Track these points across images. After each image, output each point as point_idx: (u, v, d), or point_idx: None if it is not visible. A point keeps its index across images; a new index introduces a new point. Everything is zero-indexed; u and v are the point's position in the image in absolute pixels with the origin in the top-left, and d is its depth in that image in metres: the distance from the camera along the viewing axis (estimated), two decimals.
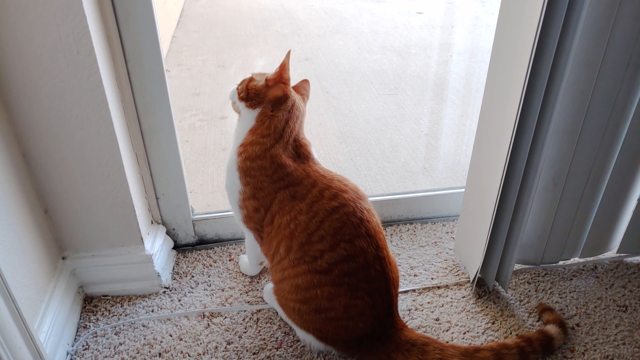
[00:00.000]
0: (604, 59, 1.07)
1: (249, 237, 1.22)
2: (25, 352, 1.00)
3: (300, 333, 1.16)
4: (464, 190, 1.38)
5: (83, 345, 1.21)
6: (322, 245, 1.04)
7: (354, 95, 2.65)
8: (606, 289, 1.34)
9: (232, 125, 2.29)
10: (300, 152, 1.13)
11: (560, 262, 1.41)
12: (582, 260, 1.42)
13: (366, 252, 1.05)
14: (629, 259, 1.43)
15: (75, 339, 1.23)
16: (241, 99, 1.14)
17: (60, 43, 1.02)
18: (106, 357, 1.18)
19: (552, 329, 1.17)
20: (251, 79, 1.15)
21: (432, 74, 2.98)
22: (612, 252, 1.44)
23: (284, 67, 1.11)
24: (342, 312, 1.05)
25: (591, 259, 1.43)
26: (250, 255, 1.34)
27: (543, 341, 1.13)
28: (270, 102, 1.12)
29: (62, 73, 1.06)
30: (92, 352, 1.19)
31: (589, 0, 0.96)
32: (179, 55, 3.26)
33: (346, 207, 1.06)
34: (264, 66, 3.11)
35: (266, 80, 1.13)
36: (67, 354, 1.19)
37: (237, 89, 1.16)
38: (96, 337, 1.23)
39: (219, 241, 1.52)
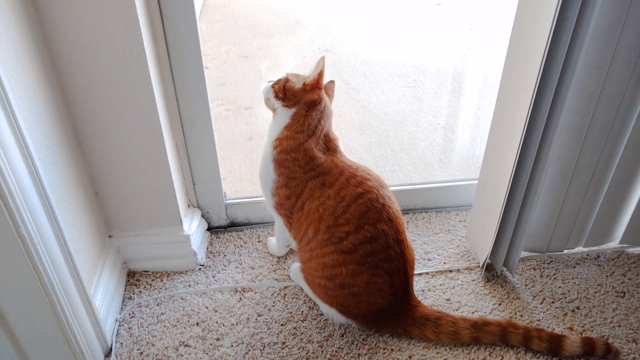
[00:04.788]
0: (611, 63, 1.16)
1: (279, 222, 1.35)
2: (85, 317, 1.15)
3: (324, 307, 1.29)
4: (476, 182, 1.49)
5: (129, 314, 1.35)
6: (347, 228, 1.16)
7: (373, 87, 2.74)
8: (607, 276, 1.44)
9: (257, 115, 2.42)
10: (329, 146, 1.24)
11: (565, 251, 1.51)
12: (585, 249, 1.53)
13: (387, 235, 1.17)
14: (631, 250, 1.53)
15: (122, 308, 1.37)
16: (278, 98, 1.26)
17: (115, 45, 1.15)
18: (150, 324, 1.32)
19: (572, 336, 1.18)
20: (287, 80, 1.26)
21: (451, 67, 3.05)
22: (614, 243, 1.54)
23: (321, 75, 1.23)
24: (363, 288, 1.17)
25: (594, 248, 1.53)
26: (279, 238, 1.46)
27: (555, 340, 1.17)
28: (306, 103, 1.23)
29: (116, 71, 1.18)
30: (138, 320, 1.34)
31: (599, 8, 1.05)
32: (202, 46, 3.31)
33: (370, 193, 1.18)
34: (285, 57, 3.20)
35: (304, 84, 1.24)
36: (116, 320, 1.33)
37: (274, 88, 1.27)
38: (140, 307, 1.37)
39: (248, 224, 1.65)
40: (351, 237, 1.16)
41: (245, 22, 3.87)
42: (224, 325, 1.31)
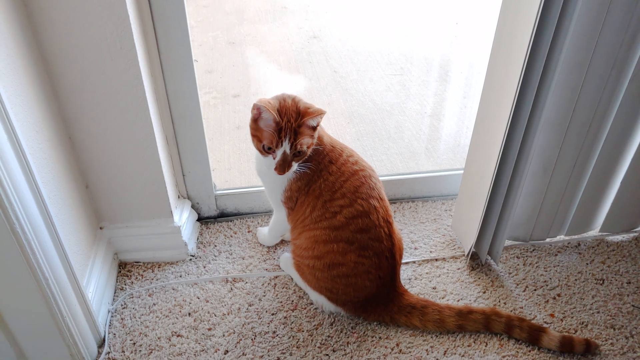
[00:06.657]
0: (591, 61, 1.19)
1: (281, 215, 1.36)
2: (78, 309, 1.16)
3: (313, 295, 1.32)
4: (462, 172, 1.52)
5: (122, 305, 1.37)
6: (342, 201, 1.21)
7: (361, 74, 2.75)
8: (587, 264, 1.49)
9: (245, 103, 2.42)
10: None
11: (548, 239, 1.56)
12: (567, 237, 1.57)
13: (378, 212, 1.22)
14: (610, 238, 1.58)
15: (114, 299, 1.39)
16: None
17: (105, 40, 1.15)
18: (142, 315, 1.35)
19: (552, 333, 1.21)
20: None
21: (437, 54, 3.06)
22: (595, 231, 1.59)
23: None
24: (351, 268, 1.21)
25: (575, 237, 1.58)
26: (273, 230, 1.49)
27: (534, 331, 1.21)
28: None
29: (106, 66, 1.18)
30: (130, 311, 1.36)
31: (579, 8, 1.07)
32: (190, 33, 3.33)
33: (364, 171, 1.26)
34: (273, 44, 3.18)
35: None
36: (109, 312, 1.35)
37: None
38: (132, 298, 1.39)
39: (238, 214, 1.67)
40: (345, 210, 1.21)
41: (232, 6, 3.83)
42: (215, 315, 1.34)
